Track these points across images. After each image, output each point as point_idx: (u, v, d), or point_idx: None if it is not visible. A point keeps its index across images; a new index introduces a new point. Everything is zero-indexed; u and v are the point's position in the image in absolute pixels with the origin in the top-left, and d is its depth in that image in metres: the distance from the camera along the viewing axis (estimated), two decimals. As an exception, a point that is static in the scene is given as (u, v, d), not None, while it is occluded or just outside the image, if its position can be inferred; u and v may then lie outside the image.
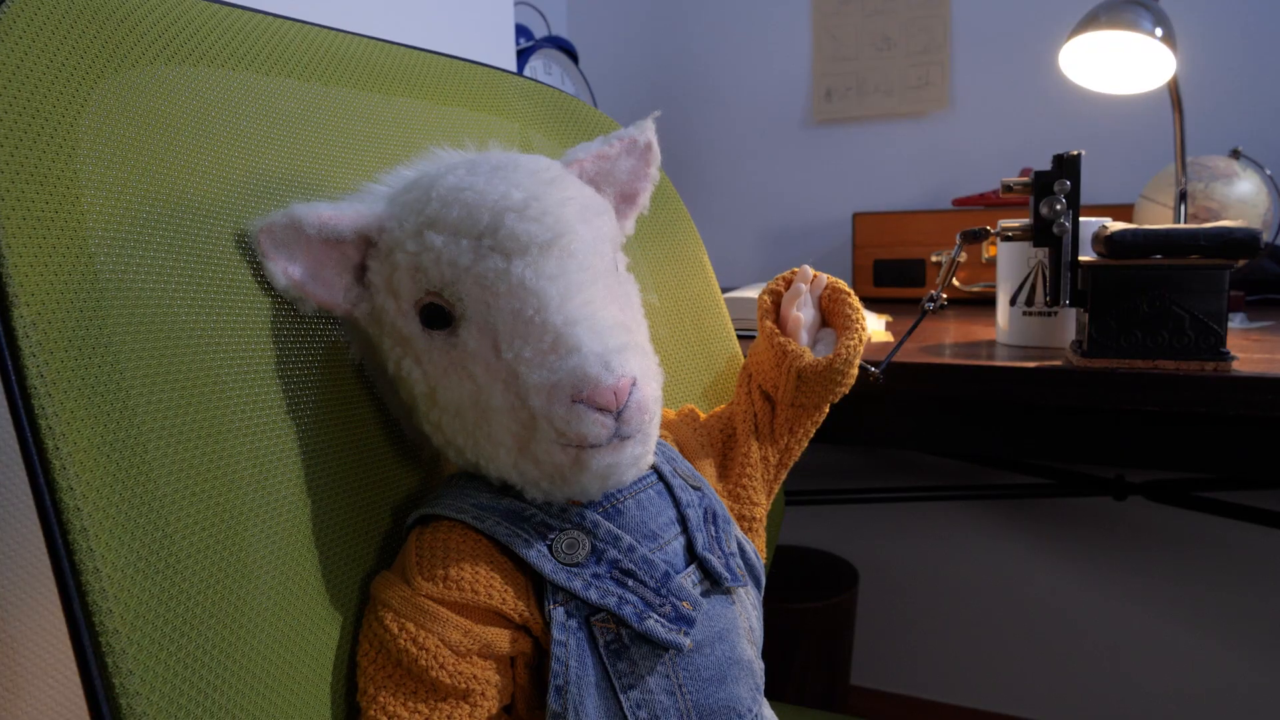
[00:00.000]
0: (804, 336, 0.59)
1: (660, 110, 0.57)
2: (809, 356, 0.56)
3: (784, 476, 0.60)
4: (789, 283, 0.61)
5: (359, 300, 0.45)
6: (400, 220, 0.43)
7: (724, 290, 0.92)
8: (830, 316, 0.60)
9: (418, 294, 0.42)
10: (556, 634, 0.42)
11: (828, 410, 0.59)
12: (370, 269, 0.44)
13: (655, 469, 0.48)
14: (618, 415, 0.39)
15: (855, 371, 0.57)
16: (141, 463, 0.35)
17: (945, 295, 0.74)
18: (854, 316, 0.57)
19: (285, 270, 0.42)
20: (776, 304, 0.61)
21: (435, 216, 0.41)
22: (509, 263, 0.40)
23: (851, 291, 0.59)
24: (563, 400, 0.39)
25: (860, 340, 0.56)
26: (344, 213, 0.43)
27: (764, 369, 0.58)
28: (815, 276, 0.60)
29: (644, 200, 0.53)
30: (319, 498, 0.43)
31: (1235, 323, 0.94)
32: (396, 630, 0.41)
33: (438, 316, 0.42)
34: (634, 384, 0.40)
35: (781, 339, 0.57)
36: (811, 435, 0.59)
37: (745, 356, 0.62)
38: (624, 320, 0.43)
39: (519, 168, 0.43)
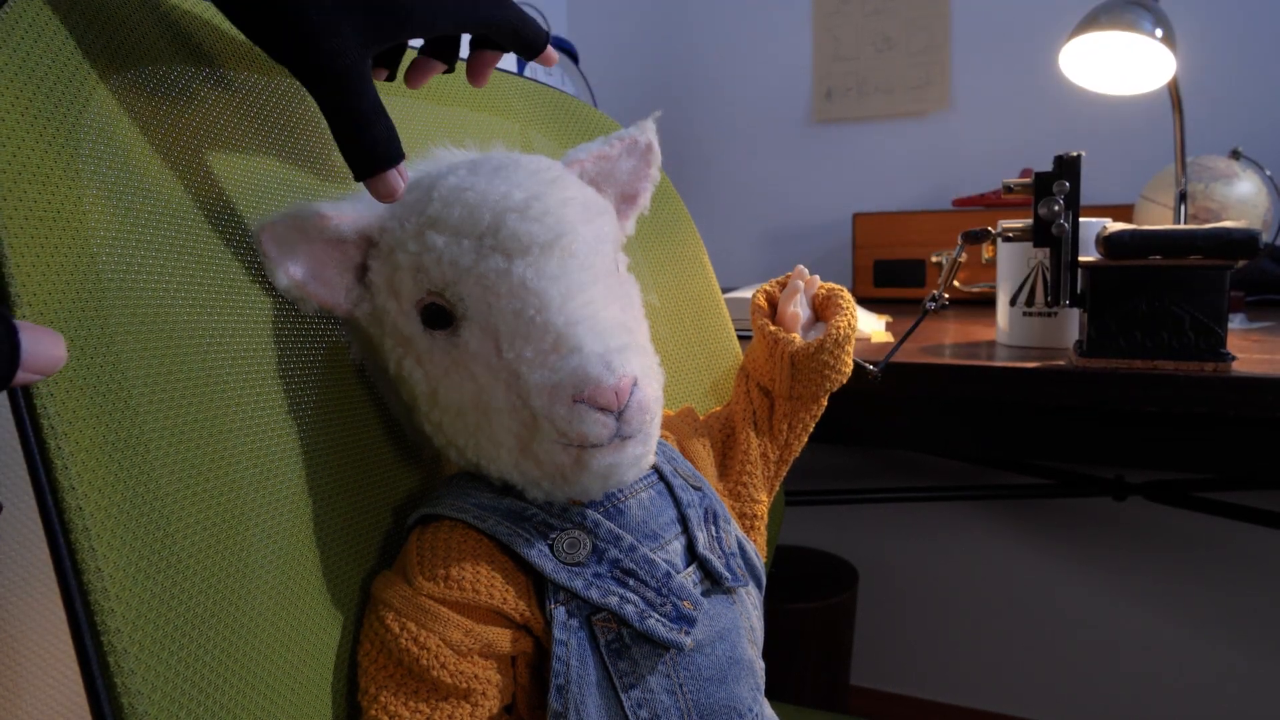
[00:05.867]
0: (801, 333, 0.60)
1: (660, 110, 0.57)
2: (800, 341, 0.56)
3: (784, 473, 0.60)
4: (784, 285, 0.62)
5: (360, 300, 0.45)
6: (401, 220, 0.43)
7: (724, 290, 0.92)
8: (823, 313, 0.61)
9: (419, 294, 0.42)
10: (557, 633, 0.42)
11: (825, 403, 0.59)
12: (371, 269, 0.44)
13: (656, 469, 0.48)
14: (619, 415, 0.39)
15: (848, 358, 0.58)
16: (143, 462, 0.35)
17: (947, 295, 0.74)
18: (844, 305, 0.58)
19: (287, 270, 0.42)
20: (771, 304, 0.62)
21: (437, 216, 0.41)
22: (510, 263, 0.40)
23: (845, 290, 0.60)
24: (564, 400, 0.39)
25: (849, 324, 0.57)
26: (345, 213, 0.43)
27: (759, 363, 0.59)
28: (810, 278, 0.61)
29: (644, 200, 0.54)
30: (320, 498, 0.43)
31: (1235, 323, 0.94)
32: (398, 630, 0.41)
33: (439, 317, 0.42)
34: (635, 384, 0.40)
35: (772, 329, 0.58)
36: (810, 429, 0.60)
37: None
38: (625, 320, 0.43)
39: (520, 168, 0.43)
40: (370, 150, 0.40)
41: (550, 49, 0.49)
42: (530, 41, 0.48)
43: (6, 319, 0.30)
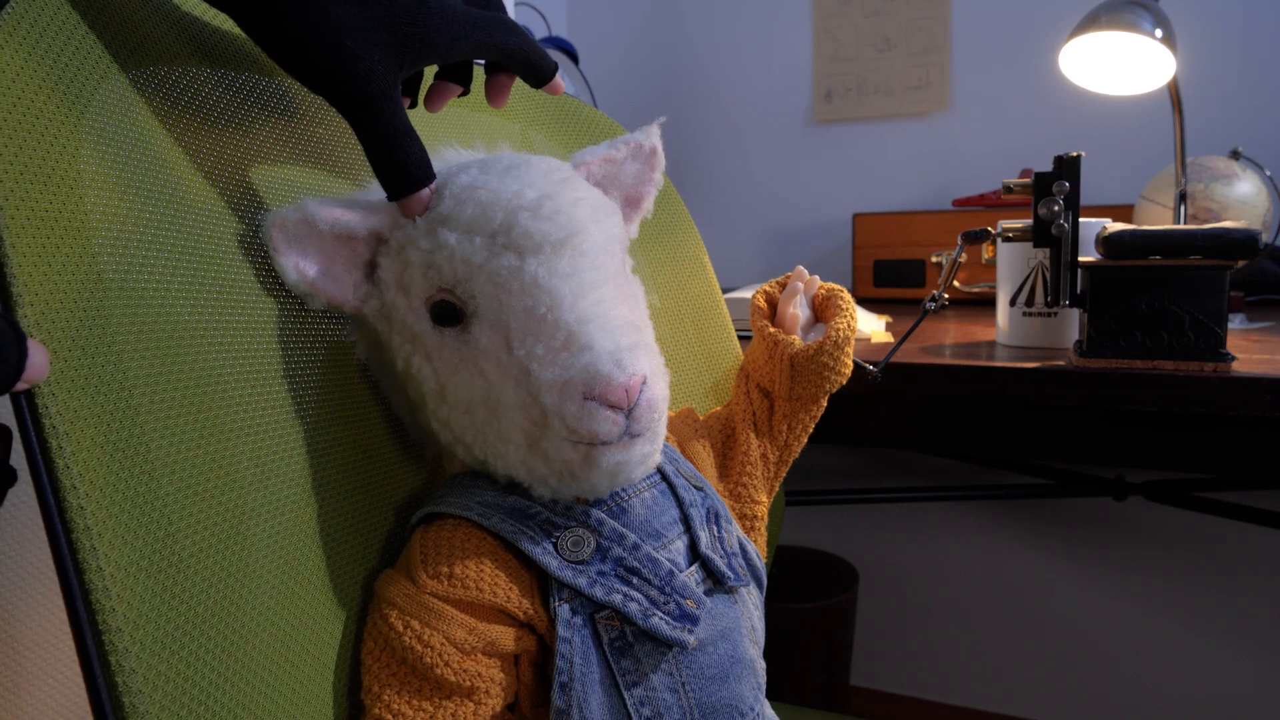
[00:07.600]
0: (800, 334, 0.60)
1: (664, 115, 0.57)
2: (799, 343, 0.57)
3: (784, 474, 0.60)
4: (783, 286, 0.62)
5: (368, 297, 0.45)
6: None
7: (724, 290, 0.92)
8: (823, 313, 0.61)
9: (429, 291, 0.42)
10: (561, 631, 0.42)
11: (825, 403, 0.59)
12: (381, 265, 0.44)
13: (659, 469, 0.48)
14: (628, 413, 0.40)
15: (847, 359, 0.58)
16: (144, 462, 0.35)
17: (947, 295, 0.74)
18: (844, 306, 0.58)
19: (297, 266, 0.42)
20: (771, 305, 0.62)
21: (449, 214, 0.42)
22: (522, 260, 0.41)
23: (845, 290, 0.60)
24: (574, 397, 0.39)
25: (849, 325, 0.57)
26: (356, 209, 0.43)
27: (759, 365, 0.59)
28: (810, 279, 0.61)
29: (648, 204, 0.54)
30: (322, 497, 0.44)
31: (1235, 323, 0.94)
32: (401, 628, 0.41)
33: (449, 314, 0.42)
34: (645, 382, 0.40)
35: (772, 330, 0.58)
36: (810, 430, 0.60)
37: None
38: (634, 320, 0.43)
39: (532, 168, 0.44)
40: (404, 171, 0.42)
41: (557, 79, 0.50)
42: (539, 69, 0.49)
43: (17, 327, 0.31)
